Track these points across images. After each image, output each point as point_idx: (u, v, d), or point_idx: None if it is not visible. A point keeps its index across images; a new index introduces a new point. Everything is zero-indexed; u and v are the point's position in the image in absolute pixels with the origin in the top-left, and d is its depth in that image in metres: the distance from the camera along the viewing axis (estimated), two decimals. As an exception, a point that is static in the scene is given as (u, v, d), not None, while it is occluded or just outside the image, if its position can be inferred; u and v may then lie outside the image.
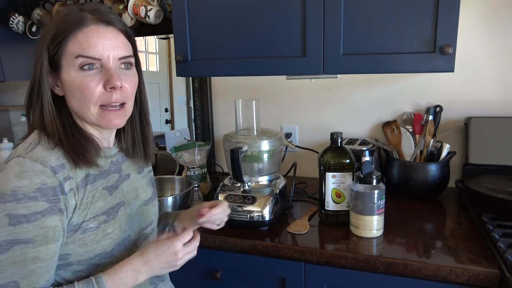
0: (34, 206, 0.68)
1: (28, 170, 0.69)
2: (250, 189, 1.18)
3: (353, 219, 1.08)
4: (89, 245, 0.76)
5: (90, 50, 0.73)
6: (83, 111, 0.77)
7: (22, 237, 0.67)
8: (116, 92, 0.76)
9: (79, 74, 0.74)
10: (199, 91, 1.72)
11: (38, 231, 0.69)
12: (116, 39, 0.76)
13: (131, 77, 0.80)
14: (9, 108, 2.15)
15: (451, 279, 0.90)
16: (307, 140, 1.65)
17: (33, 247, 0.68)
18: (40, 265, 0.69)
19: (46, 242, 0.70)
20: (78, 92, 0.75)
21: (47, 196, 0.69)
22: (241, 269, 1.12)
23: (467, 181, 1.23)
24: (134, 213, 0.87)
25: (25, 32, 1.74)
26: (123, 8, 1.54)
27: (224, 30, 1.25)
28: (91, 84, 0.74)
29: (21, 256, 0.68)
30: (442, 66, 1.06)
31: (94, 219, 0.77)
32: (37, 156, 0.71)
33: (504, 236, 0.97)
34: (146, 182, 0.95)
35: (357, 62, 1.13)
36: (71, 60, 0.73)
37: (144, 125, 0.91)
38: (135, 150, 0.90)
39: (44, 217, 0.69)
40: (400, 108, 1.51)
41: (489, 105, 1.40)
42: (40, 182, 0.69)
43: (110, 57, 0.75)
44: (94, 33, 0.74)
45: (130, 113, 0.84)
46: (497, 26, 1.35)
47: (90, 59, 0.73)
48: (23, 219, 0.67)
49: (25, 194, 0.67)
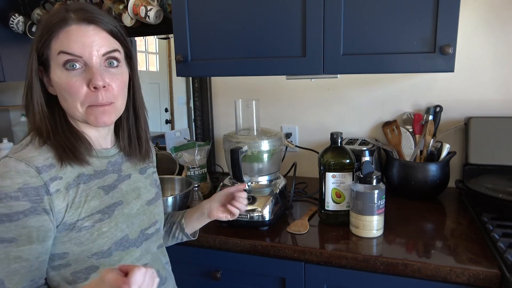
0: (16, 206, 0.68)
1: (11, 170, 0.69)
2: (250, 189, 1.18)
3: (353, 219, 1.08)
4: (85, 243, 0.76)
5: (70, 47, 0.73)
6: (72, 110, 0.77)
7: (5, 236, 0.68)
8: (101, 92, 0.76)
9: (63, 74, 0.75)
10: (199, 91, 1.72)
11: (21, 230, 0.69)
12: (97, 36, 0.76)
13: (118, 75, 0.79)
14: (9, 108, 2.15)
15: (451, 279, 0.90)
16: (307, 140, 1.65)
17: (16, 246, 0.69)
18: (23, 265, 0.70)
19: (29, 242, 0.70)
20: (65, 92, 0.75)
21: (29, 196, 0.70)
22: (241, 269, 1.12)
23: (467, 181, 1.23)
24: (134, 212, 0.87)
25: (25, 32, 1.74)
26: (123, 8, 1.54)
27: (224, 30, 1.25)
28: (75, 83, 0.74)
29: (4, 255, 0.69)
30: (442, 66, 1.06)
31: (89, 218, 0.77)
32: (23, 156, 0.72)
33: (504, 236, 0.97)
34: (149, 182, 0.95)
35: (357, 62, 1.13)
36: (55, 58, 0.74)
37: (140, 121, 0.90)
38: (131, 148, 0.90)
39: (26, 217, 0.69)
40: (400, 108, 1.51)
41: (489, 105, 1.40)
42: (22, 182, 0.69)
43: (92, 54, 0.75)
44: (75, 31, 0.74)
45: (121, 111, 0.83)
46: (497, 26, 1.35)
47: (71, 56, 0.73)
48: (5, 218, 0.68)
49: (7, 193, 0.68)
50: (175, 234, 1.04)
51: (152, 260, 0.90)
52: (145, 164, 0.95)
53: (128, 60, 0.84)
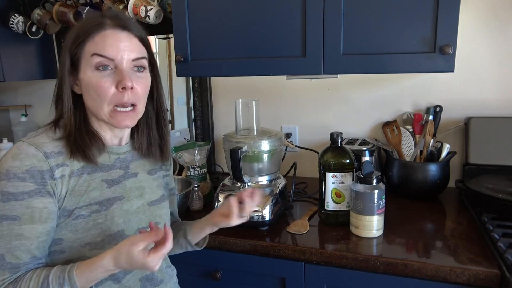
0: (22, 186, 0.73)
1: (22, 153, 0.75)
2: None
3: (353, 219, 1.08)
4: (80, 232, 0.79)
5: (105, 50, 0.78)
6: (97, 110, 0.81)
7: (9, 214, 0.73)
8: (128, 93, 0.80)
9: (94, 74, 0.79)
10: (199, 91, 1.72)
11: (24, 210, 0.74)
12: (129, 42, 0.81)
13: (143, 79, 0.84)
14: (9, 108, 2.15)
15: (451, 279, 0.90)
16: (307, 140, 1.65)
17: (18, 224, 0.73)
18: (23, 242, 0.74)
19: (31, 221, 0.74)
20: (93, 91, 0.80)
21: (35, 179, 0.74)
22: (241, 269, 1.12)
23: (467, 181, 1.23)
24: (133, 210, 0.88)
25: (25, 32, 1.73)
26: (123, 8, 1.54)
27: (224, 30, 1.25)
28: (105, 84, 0.79)
29: (7, 231, 0.73)
30: (442, 66, 1.06)
31: (87, 207, 0.80)
32: (34, 142, 0.77)
33: (504, 236, 0.97)
34: (156, 184, 0.96)
35: (357, 62, 1.13)
36: (88, 59, 0.79)
37: (161, 125, 0.94)
38: (150, 150, 0.93)
39: (31, 198, 0.74)
40: (400, 108, 1.51)
41: (489, 105, 1.40)
42: (29, 165, 0.74)
43: (123, 58, 0.79)
44: (110, 35, 0.79)
45: (141, 114, 0.87)
46: (497, 26, 1.35)
47: (105, 59, 0.78)
48: (11, 197, 0.73)
49: (15, 174, 0.73)
50: (179, 240, 1.00)
51: None
52: (156, 166, 0.97)
53: (151, 67, 0.89)
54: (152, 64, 0.89)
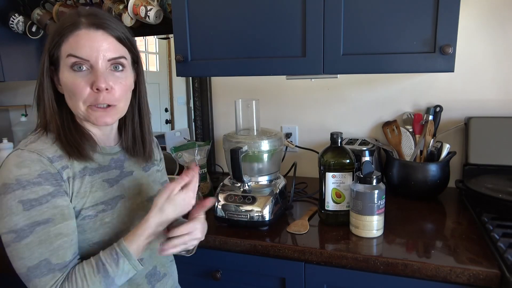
0: (41, 190, 0.73)
1: (26, 160, 0.74)
2: (250, 189, 1.18)
3: (353, 219, 1.08)
4: (88, 232, 0.80)
5: (79, 50, 0.78)
6: (75, 109, 0.82)
7: (39, 219, 0.73)
8: (103, 94, 0.79)
9: (70, 75, 0.79)
10: (199, 91, 1.72)
11: (53, 210, 0.74)
12: (105, 41, 0.79)
13: (122, 79, 0.83)
14: (9, 108, 2.15)
15: (451, 279, 0.90)
16: (307, 140, 1.65)
17: (53, 225, 0.74)
18: (65, 240, 0.75)
19: (64, 219, 0.76)
20: (69, 91, 0.80)
21: (50, 181, 0.75)
22: (241, 269, 1.12)
23: (467, 181, 1.23)
24: (134, 207, 0.89)
25: (25, 32, 1.74)
26: (123, 8, 1.54)
27: (224, 30, 1.25)
28: (80, 84, 0.78)
29: (44, 236, 0.73)
30: (442, 66, 1.06)
31: (93, 208, 0.81)
32: (34, 148, 0.77)
33: (504, 236, 0.97)
34: (152, 180, 0.97)
35: (357, 62, 1.13)
36: (64, 59, 0.79)
37: (143, 122, 0.94)
38: (135, 149, 0.93)
39: (54, 198, 0.75)
40: (400, 108, 1.51)
41: (489, 105, 1.40)
42: (39, 169, 0.74)
43: (98, 58, 0.78)
44: (84, 36, 0.78)
45: (124, 112, 0.87)
46: (497, 26, 1.35)
47: (79, 59, 0.78)
48: (35, 203, 0.73)
49: (29, 180, 0.73)
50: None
51: (150, 255, 0.91)
52: (148, 163, 0.98)
53: (134, 66, 0.88)
54: (136, 62, 0.89)
